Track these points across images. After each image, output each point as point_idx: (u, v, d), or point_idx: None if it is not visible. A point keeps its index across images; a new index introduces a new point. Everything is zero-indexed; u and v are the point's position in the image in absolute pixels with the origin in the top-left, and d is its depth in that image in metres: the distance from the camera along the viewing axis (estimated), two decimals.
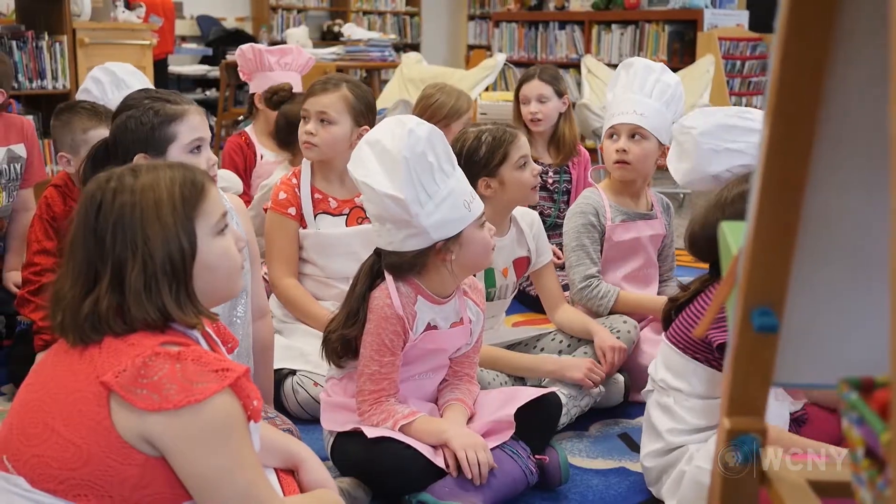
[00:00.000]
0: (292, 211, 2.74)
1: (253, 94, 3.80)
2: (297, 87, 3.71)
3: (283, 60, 3.76)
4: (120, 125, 2.04)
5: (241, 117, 6.44)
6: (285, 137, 3.36)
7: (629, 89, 2.79)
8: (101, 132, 2.45)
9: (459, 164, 2.41)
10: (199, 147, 2.07)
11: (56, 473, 1.32)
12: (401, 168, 1.90)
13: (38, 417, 1.35)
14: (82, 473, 1.31)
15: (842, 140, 0.84)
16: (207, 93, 8.61)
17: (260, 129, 3.76)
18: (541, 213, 2.83)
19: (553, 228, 3.43)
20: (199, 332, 1.45)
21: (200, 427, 1.30)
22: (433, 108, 3.56)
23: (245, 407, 1.35)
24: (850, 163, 0.86)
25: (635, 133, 2.75)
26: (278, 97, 3.48)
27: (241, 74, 3.93)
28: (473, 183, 2.41)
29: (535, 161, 2.76)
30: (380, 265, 2.05)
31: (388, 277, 2.02)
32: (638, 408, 2.57)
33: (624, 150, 2.74)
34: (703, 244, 1.95)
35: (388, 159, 1.93)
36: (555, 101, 3.69)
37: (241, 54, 3.80)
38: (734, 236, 0.98)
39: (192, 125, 2.06)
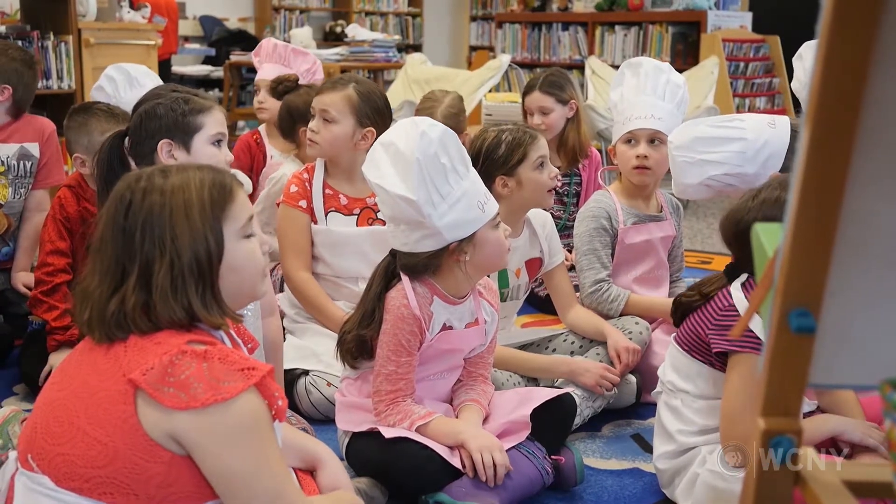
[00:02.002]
0: (303, 204, 2.75)
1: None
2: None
3: (304, 67, 3.73)
4: (148, 110, 2.10)
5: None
6: (288, 127, 3.35)
7: (642, 91, 2.78)
8: None
9: (478, 162, 2.43)
10: (220, 141, 2.17)
11: (81, 472, 1.32)
12: (413, 170, 1.90)
13: (62, 416, 1.35)
14: (108, 471, 1.31)
15: (882, 143, 0.85)
16: (210, 93, 8.60)
17: (270, 130, 3.75)
18: (551, 215, 2.82)
19: (563, 230, 3.41)
20: (223, 332, 1.46)
21: (228, 425, 1.30)
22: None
23: (270, 406, 1.36)
24: (890, 166, 0.86)
25: (654, 138, 2.75)
26: (283, 87, 3.48)
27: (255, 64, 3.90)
28: (490, 181, 2.42)
29: None
30: (395, 266, 2.05)
31: (405, 278, 2.03)
32: (650, 409, 2.57)
33: (645, 157, 2.74)
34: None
35: (401, 161, 1.93)
36: (559, 110, 3.65)
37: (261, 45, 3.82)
38: (769, 238, 0.98)
39: (218, 120, 2.16)
